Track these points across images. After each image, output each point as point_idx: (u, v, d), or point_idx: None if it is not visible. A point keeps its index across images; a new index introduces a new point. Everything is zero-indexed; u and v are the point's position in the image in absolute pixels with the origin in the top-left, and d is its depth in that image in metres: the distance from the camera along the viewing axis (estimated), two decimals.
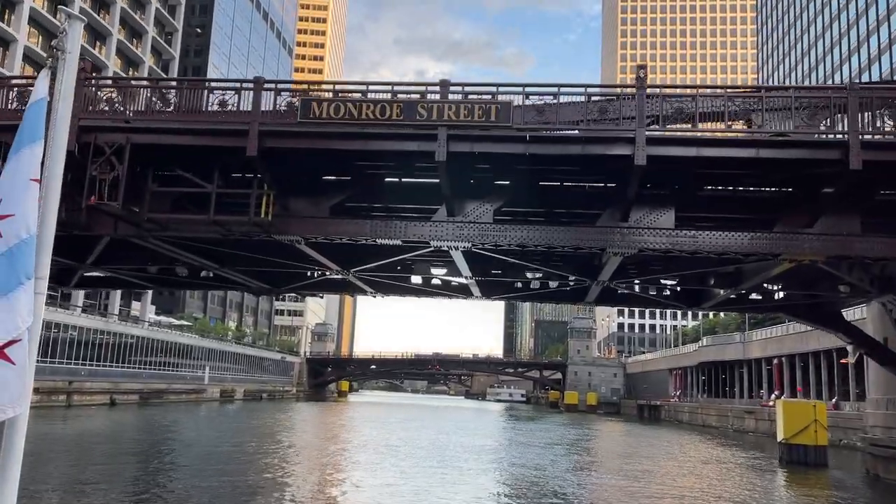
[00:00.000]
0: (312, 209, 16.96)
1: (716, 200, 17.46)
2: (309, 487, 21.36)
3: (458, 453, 32.52)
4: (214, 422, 52.57)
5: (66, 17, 3.25)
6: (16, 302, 2.84)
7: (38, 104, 3.10)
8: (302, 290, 28.32)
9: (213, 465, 26.08)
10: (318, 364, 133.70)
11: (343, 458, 30.20)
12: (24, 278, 2.88)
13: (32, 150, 3.03)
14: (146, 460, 27.11)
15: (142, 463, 26.19)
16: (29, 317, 2.88)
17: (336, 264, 21.01)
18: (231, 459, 28.01)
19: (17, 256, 2.88)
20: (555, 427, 64.31)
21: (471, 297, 26.28)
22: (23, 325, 2.85)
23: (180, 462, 27.19)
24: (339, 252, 20.81)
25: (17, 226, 2.90)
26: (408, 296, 27.36)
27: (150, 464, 26.16)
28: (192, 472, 24.10)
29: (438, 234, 16.59)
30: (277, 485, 21.36)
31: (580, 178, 17.42)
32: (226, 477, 22.18)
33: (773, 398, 64.07)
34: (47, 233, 3.09)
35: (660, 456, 37.84)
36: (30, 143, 3.03)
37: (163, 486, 20.35)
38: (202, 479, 21.93)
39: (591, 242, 16.23)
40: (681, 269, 19.54)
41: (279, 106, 15.42)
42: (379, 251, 20.46)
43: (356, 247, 21.17)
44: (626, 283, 21.83)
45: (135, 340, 68.10)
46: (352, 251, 21.22)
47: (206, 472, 23.89)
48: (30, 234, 2.92)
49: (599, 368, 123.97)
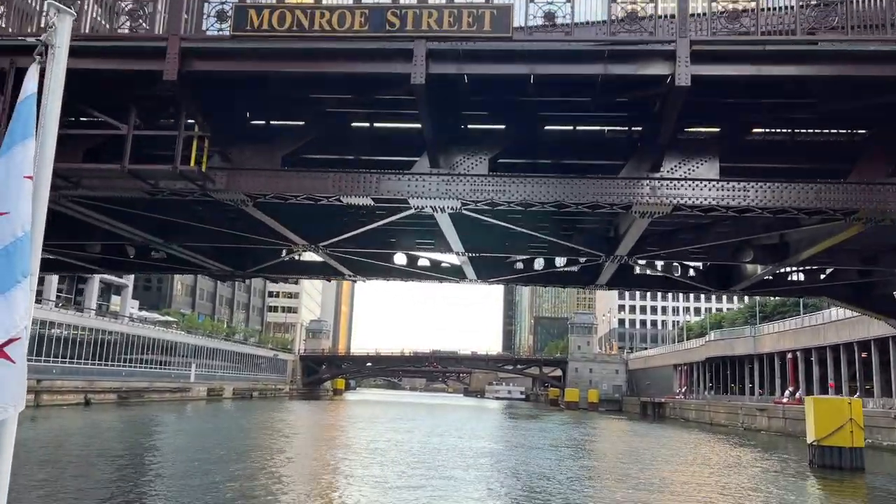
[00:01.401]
0: (260, 160, 13.42)
1: (768, 147, 13.96)
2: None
3: (451, 458, 29.00)
4: (187, 422, 49.01)
5: (55, 11, 3.18)
6: (14, 300, 2.85)
7: (29, 100, 3.07)
8: (271, 273, 24.75)
9: (153, 470, 22.62)
10: (313, 361, 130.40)
11: (315, 465, 26.66)
12: (20, 276, 2.88)
13: (25, 146, 3.00)
14: (86, 466, 23.58)
15: (82, 469, 22.66)
16: (27, 315, 2.89)
17: (300, 237, 17.48)
18: (176, 463, 24.50)
19: (13, 254, 2.88)
20: (556, 426, 60.85)
21: (464, 280, 22.74)
22: (21, 324, 2.86)
23: (122, 466, 23.67)
24: (302, 220, 17.30)
25: (13, 224, 2.90)
26: (392, 279, 23.82)
27: (91, 470, 22.62)
28: (129, 478, 20.60)
29: (419, 191, 13.08)
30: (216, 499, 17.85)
31: (597, 118, 13.90)
32: (161, 485, 18.68)
33: (788, 395, 60.76)
34: (37, 230, 3.03)
35: (674, 459, 34.38)
36: (22, 140, 3.00)
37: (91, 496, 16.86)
38: (138, 486, 18.43)
39: (614, 197, 12.72)
40: (717, 237, 15.98)
41: (209, 18, 11.86)
42: (349, 218, 16.96)
43: (321, 213, 17.69)
44: (647, 259, 18.28)
45: (113, 337, 64.62)
46: (317, 219, 17.72)
47: (143, 479, 20.42)
48: (25, 232, 2.91)
49: (601, 365, 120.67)
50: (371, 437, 38.85)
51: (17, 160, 2.97)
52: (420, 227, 18.69)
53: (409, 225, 18.57)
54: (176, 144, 12.27)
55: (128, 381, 65.13)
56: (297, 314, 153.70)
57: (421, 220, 17.63)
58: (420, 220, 17.16)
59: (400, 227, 18.94)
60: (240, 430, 42.17)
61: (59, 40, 3.20)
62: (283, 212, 16.18)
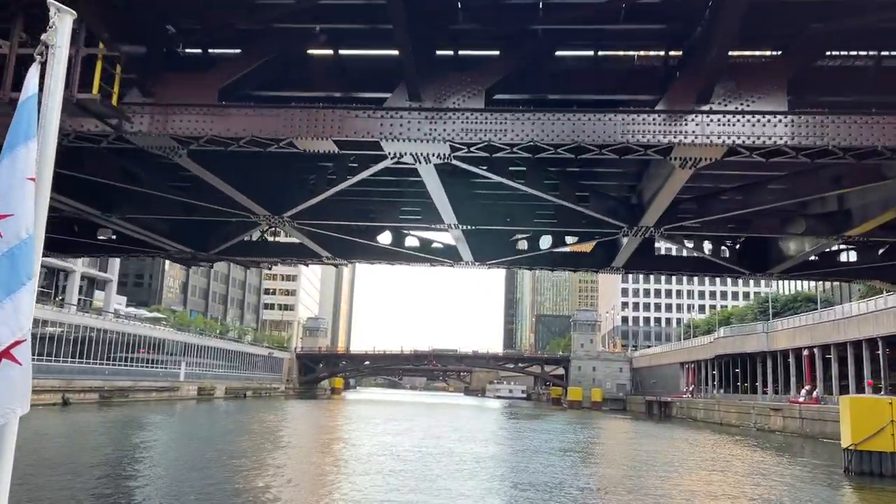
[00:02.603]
0: (190, 95, 10.44)
1: (842, 75, 10.94)
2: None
3: (446, 465, 25.97)
4: (167, 424, 45.99)
5: (55, 11, 3.09)
6: (19, 302, 2.83)
7: (30, 100, 3.02)
8: (240, 256, 21.73)
9: (104, 474, 19.66)
10: (309, 360, 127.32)
11: (292, 473, 23.63)
12: (25, 278, 2.86)
13: (27, 147, 2.95)
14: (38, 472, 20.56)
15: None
16: (31, 317, 2.86)
17: (260, 205, 14.49)
18: (134, 466, 21.52)
19: (18, 257, 2.86)
20: (561, 427, 57.84)
21: (459, 262, 19.72)
22: (27, 326, 2.83)
23: (79, 473, 20.66)
24: (262, 185, 14.33)
25: (17, 226, 2.87)
26: (377, 261, 20.84)
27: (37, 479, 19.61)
28: (76, 484, 17.61)
29: (396, 132, 10.09)
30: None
31: (624, 38, 10.88)
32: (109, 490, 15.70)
33: (804, 394, 57.71)
34: (38, 232, 2.96)
35: (692, 464, 31.35)
36: (25, 141, 2.95)
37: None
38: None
39: (649, 136, 9.73)
40: (767, 200, 12.92)
41: None
42: (317, 179, 13.96)
43: (281, 173, 14.76)
44: (676, 231, 15.24)
45: (96, 334, 61.60)
46: (280, 183, 14.77)
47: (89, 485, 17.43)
48: (29, 234, 2.89)
49: (604, 363, 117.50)
50: (360, 440, 35.87)
51: (20, 162, 2.93)
52: (404, 191, 15.69)
53: (388, 187, 15.60)
54: (72, 64, 9.25)
55: (111, 380, 62.12)
56: (294, 312, 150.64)
57: (403, 180, 14.69)
58: (402, 177, 14.22)
59: (378, 191, 15.98)
60: (219, 433, 39.16)
61: (60, 40, 3.14)
62: (234, 170, 13.20)
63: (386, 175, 14.93)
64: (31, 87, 3.04)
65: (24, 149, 2.93)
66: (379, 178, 14.89)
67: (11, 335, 2.77)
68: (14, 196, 2.87)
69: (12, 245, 2.85)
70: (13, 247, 2.85)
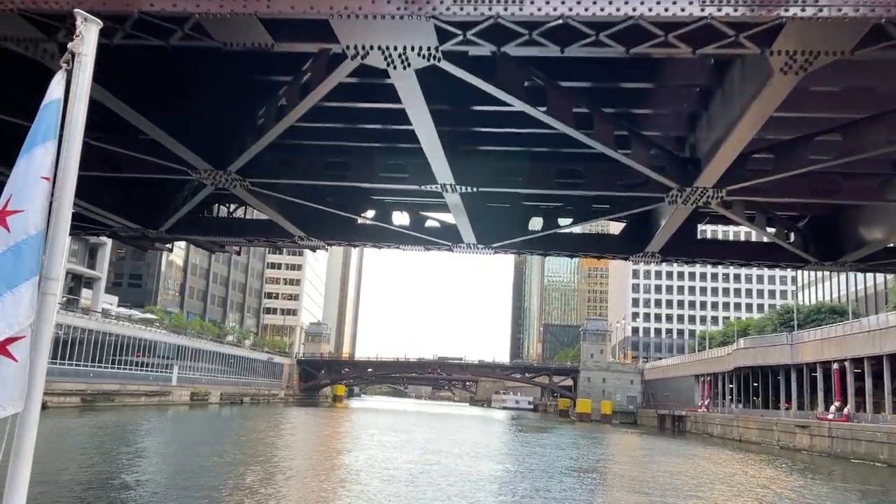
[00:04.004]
0: None
1: None
2: None
3: (441, 487, 22.31)
4: (145, 431, 42.47)
5: (82, 20, 3.19)
6: (20, 297, 2.83)
7: (53, 105, 3.07)
8: (199, 235, 18.16)
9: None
10: (311, 366, 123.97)
11: (259, 495, 20.00)
12: (29, 274, 2.87)
13: (45, 148, 3.01)
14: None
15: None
16: (32, 314, 2.86)
17: (195, 152, 11.03)
18: (83, 475, 18.01)
19: (23, 252, 2.88)
20: (571, 441, 54.06)
21: (459, 246, 16.14)
22: (26, 322, 2.82)
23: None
24: (197, 128, 10.90)
25: (26, 222, 2.91)
26: (359, 242, 17.33)
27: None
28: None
29: (353, 2, 6.58)
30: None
31: None
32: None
33: (833, 411, 53.71)
34: (61, 233, 3.02)
35: (727, 489, 27.59)
36: (43, 142, 3.01)
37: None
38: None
39: (743, 9, 6.17)
40: (880, 142, 9.31)
41: None
42: (266, 116, 10.48)
43: (221, 107, 11.32)
44: (743, 195, 11.62)
45: (80, 333, 58.34)
46: (220, 121, 11.36)
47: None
48: (37, 231, 2.92)
49: (614, 374, 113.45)
50: (350, 454, 32.24)
51: (36, 161, 2.99)
52: (387, 147, 12.18)
53: (365, 139, 12.08)
54: None
55: (95, 382, 58.81)
56: (297, 317, 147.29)
57: (385, 129, 11.24)
58: (383, 124, 10.76)
59: (352, 145, 12.46)
60: (192, 443, 35.60)
61: (86, 48, 3.21)
62: (163, 110, 9.80)
63: (361, 114, 11.47)
64: (54, 92, 3.09)
65: (42, 149, 2.99)
66: (351, 116, 11.44)
67: (8, 329, 2.78)
68: (26, 193, 2.93)
69: (19, 240, 2.88)
70: (19, 241, 2.87)
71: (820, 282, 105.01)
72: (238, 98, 11.33)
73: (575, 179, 11.86)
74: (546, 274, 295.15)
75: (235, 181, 12.19)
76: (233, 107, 11.42)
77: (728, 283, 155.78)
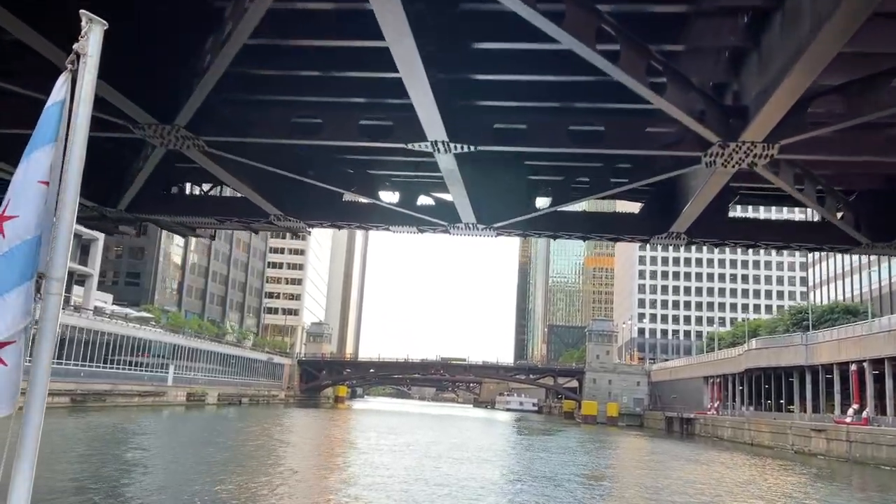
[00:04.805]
0: None
1: None
2: None
3: (438, 497, 20.33)
4: (128, 431, 40.54)
5: (87, 21, 3.07)
6: (11, 303, 2.76)
7: (55, 107, 3.01)
8: (164, 215, 16.06)
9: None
10: (311, 367, 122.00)
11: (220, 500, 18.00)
12: (20, 280, 2.80)
13: (44, 151, 2.94)
14: None
15: None
16: (24, 319, 2.78)
17: (133, 101, 9.09)
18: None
19: (16, 257, 2.82)
20: (578, 445, 52.02)
21: (456, 225, 14.14)
22: (15, 328, 2.75)
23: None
24: (138, 76, 8.94)
25: (21, 227, 2.85)
26: (344, 223, 15.32)
27: None
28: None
29: None
30: None
31: None
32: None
33: (851, 414, 51.59)
34: (64, 233, 2.94)
35: (752, 498, 25.54)
36: (41, 146, 2.95)
37: None
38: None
39: None
40: None
41: None
42: (202, 49, 8.56)
43: (163, 47, 9.34)
44: (799, 154, 9.62)
45: (70, 332, 56.53)
46: (164, 72, 9.41)
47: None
48: (32, 236, 2.85)
49: (621, 376, 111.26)
50: (344, 458, 30.27)
51: (34, 165, 2.94)
52: (355, 79, 10.19)
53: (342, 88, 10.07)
54: None
55: (86, 382, 57.02)
56: (298, 317, 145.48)
57: (368, 78, 9.29)
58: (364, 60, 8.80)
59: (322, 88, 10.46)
60: (178, 444, 33.65)
61: (91, 50, 3.13)
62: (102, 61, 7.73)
63: (337, 57, 9.51)
64: (58, 94, 3.05)
65: (41, 153, 2.95)
66: (326, 59, 9.48)
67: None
68: (23, 198, 2.89)
69: (13, 245, 2.82)
70: (13, 247, 2.82)
71: (832, 281, 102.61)
72: (185, 36, 9.38)
73: (592, 135, 9.84)
74: (550, 275, 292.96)
75: (187, 139, 10.23)
76: (179, 47, 9.46)
77: (736, 284, 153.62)
